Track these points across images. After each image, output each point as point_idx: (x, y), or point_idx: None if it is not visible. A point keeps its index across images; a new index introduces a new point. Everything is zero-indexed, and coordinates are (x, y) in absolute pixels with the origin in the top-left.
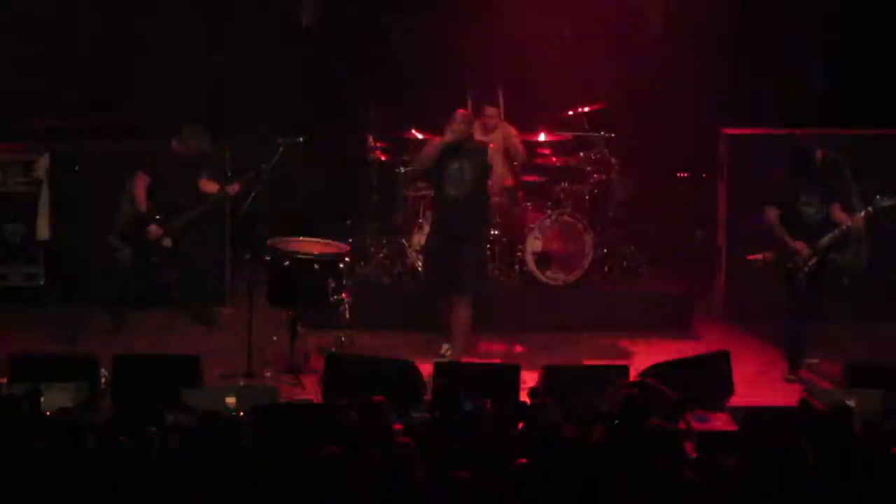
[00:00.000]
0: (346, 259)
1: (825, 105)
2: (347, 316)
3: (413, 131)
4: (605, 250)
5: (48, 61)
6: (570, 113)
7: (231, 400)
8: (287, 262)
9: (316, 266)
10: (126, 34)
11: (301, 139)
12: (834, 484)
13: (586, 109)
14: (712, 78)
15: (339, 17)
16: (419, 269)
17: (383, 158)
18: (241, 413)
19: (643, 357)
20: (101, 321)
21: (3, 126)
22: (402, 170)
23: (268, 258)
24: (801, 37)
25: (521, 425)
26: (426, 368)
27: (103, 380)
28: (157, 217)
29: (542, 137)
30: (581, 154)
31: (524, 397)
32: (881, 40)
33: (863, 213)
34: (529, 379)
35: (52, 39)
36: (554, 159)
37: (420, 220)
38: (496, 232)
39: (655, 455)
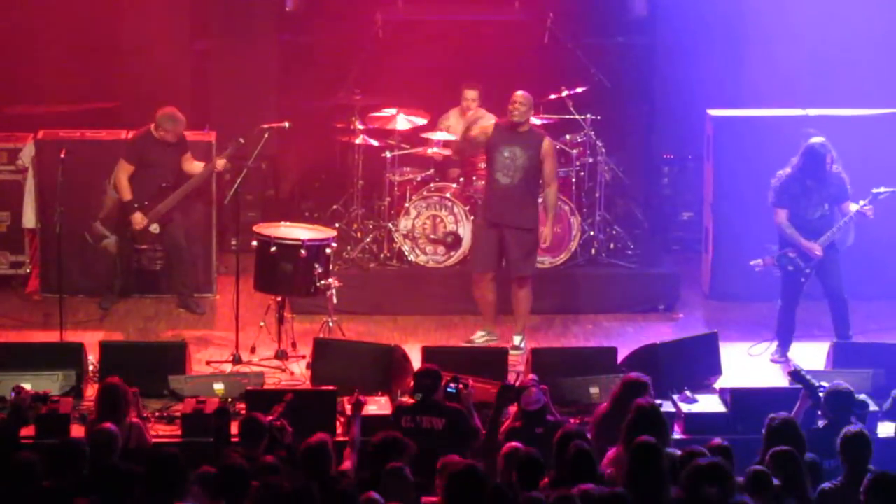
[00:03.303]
0: (333, 244)
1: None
2: (335, 301)
3: (399, 115)
4: (592, 232)
5: (31, 49)
6: (554, 96)
7: (219, 387)
8: (273, 248)
9: (302, 252)
10: (109, 21)
11: (287, 124)
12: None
13: (570, 92)
14: (698, 58)
15: (324, 2)
16: (406, 254)
17: (369, 142)
18: None
19: (631, 339)
20: (88, 308)
21: None
22: (389, 154)
23: (254, 244)
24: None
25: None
26: (414, 353)
27: (90, 367)
28: (146, 203)
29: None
30: (567, 137)
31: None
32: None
33: (869, 207)
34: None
35: (34, 27)
36: None
37: (406, 205)
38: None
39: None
